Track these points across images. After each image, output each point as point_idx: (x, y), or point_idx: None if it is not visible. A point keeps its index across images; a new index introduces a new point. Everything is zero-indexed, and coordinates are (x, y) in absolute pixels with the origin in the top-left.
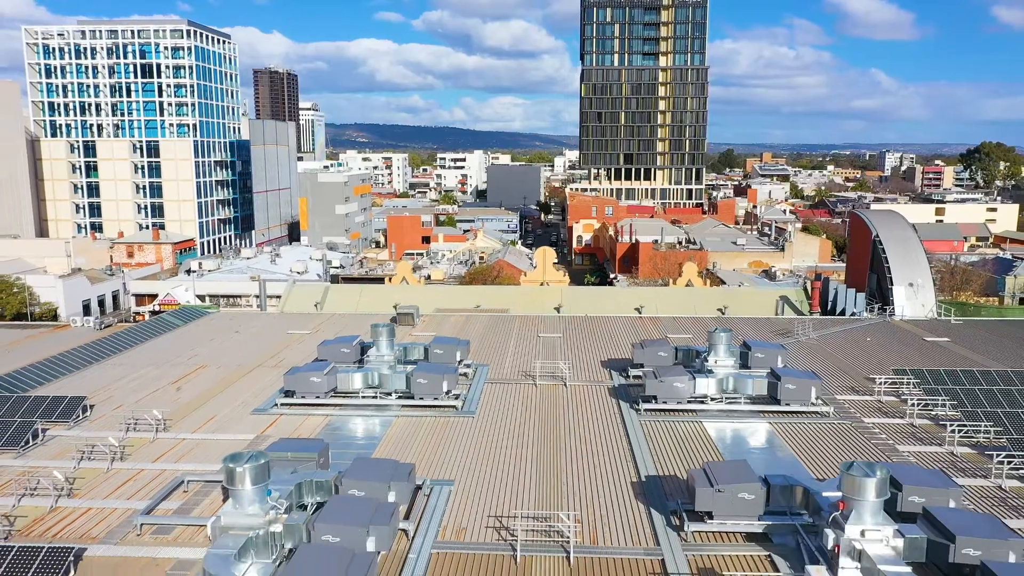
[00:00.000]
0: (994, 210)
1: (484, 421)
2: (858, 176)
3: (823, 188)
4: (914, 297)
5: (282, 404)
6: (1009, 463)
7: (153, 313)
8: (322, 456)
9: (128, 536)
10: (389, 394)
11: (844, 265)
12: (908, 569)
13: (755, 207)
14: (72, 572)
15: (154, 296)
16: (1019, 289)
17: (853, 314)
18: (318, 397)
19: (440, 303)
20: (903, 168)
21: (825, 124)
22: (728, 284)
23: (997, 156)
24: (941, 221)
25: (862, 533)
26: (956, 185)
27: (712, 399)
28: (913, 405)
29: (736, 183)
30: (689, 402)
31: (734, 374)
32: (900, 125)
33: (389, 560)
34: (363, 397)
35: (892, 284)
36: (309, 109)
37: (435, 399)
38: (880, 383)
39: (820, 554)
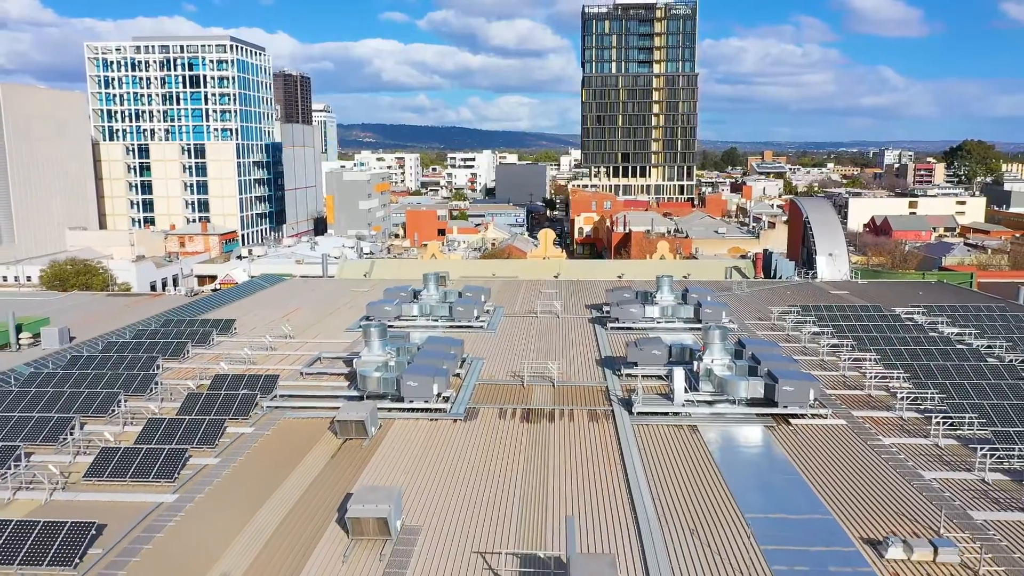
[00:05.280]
0: (963, 203)
1: (502, 335)
2: (855, 173)
3: (816, 185)
4: (832, 264)
5: (364, 325)
6: (842, 356)
7: (214, 291)
8: (406, 339)
9: (298, 378)
10: (436, 320)
11: None
12: (734, 374)
13: (749, 202)
14: (277, 389)
15: (213, 277)
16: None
17: (787, 278)
18: (389, 321)
19: (463, 272)
20: (896, 165)
21: (833, 122)
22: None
23: (978, 153)
24: (914, 213)
25: (712, 360)
26: (947, 181)
27: (657, 321)
28: (792, 324)
29: (734, 180)
30: (641, 322)
31: (673, 305)
32: (909, 122)
33: (452, 388)
34: (418, 320)
35: (816, 254)
36: (322, 111)
37: (469, 322)
38: (775, 313)
39: (694, 378)
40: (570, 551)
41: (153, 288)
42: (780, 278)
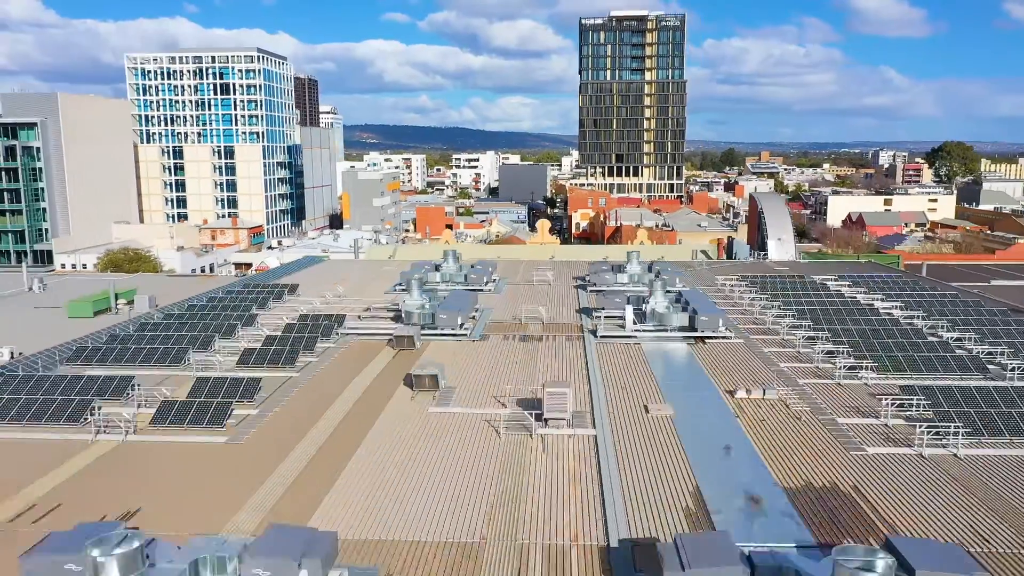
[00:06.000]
0: (935, 200)
1: (506, 295)
2: (849, 173)
3: (806, 184)
4: (781, 247)
5: (407, 275)
6: (757, 304)
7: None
8: (434, 292)
9: (357, 320)
10: (455, 286)
11: None
12: (670, 312)
13: (737, 200)
14: (340, 326)
15: (248, 264)
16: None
17: (743, 259)
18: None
19: (472, 255)
20: (885, 166)
21: (836, 122)
22: None
23: (958, 154)
24: (889, 210)
25: (656, 303)
26: (934, 180)
27: (625, 285)
28: (729, 287)
29: (727, 180)
30: (614, 286)
31: (639, 273)
32: (912, 122)
33: (466, 321)
34: (440, 286)
35: (767, 239)
36: (328, 112)
37: (480, 287)
38: (721, 281)
39: (643, 316)
40: (546, 393)
41: (194, 273)
42: (737, 258)
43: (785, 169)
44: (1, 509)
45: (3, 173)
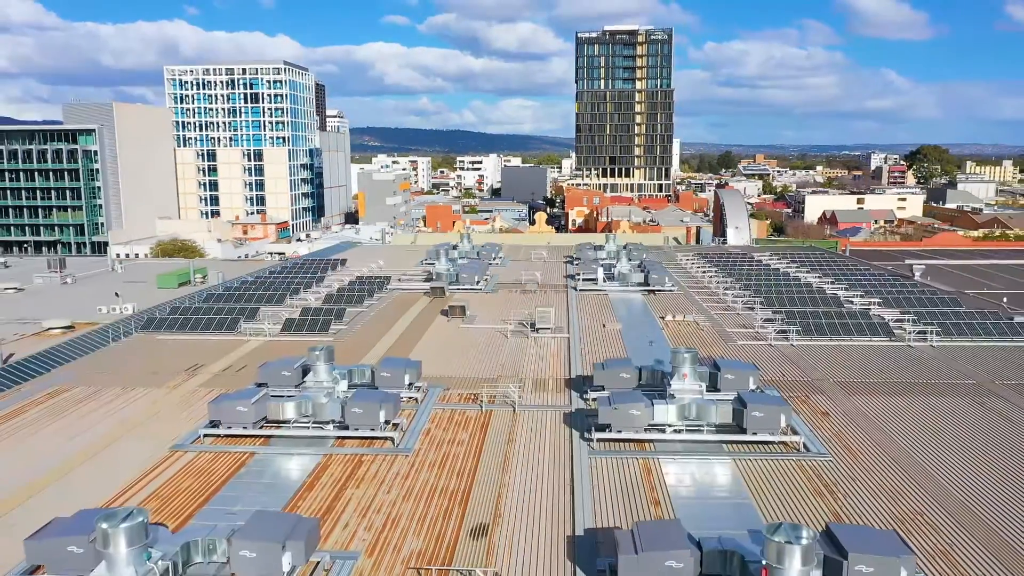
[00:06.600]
0: (904, 199)
1: (510, 267)
2: (840, 175)
3: (793, 185)
4: (738, 234)
5: (434, 249)
6: (703, 272)
7: None
8: (455, 261)
9: (397, 283)
10: (469, 261)
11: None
12: (631, 272)
13: None
14: (388, 284)
15: (282, 254)
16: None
17: (708, 243)
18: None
19: (482, 241)
20: (872, 167)
21: (837, 124)
22: None
23: (934, 157)
24: (861, 208)
25: (622, 267)
26: (918, 182)
27: (602, 260)
28: (687, 262)
29: (719, 181)
30: (595, 262)
31: (614, 251)
32: (913, 124)
33: (481, 280)
34: (458, 261)
35: (726, 227)
36: (335, 116)
37: (490, 262)
38: (680, 258)
39: (612, 277)
40: (536, 311)
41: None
42: (700, 243)
43: (777, 171)
44: (213, 369)
45: (65, 173)
